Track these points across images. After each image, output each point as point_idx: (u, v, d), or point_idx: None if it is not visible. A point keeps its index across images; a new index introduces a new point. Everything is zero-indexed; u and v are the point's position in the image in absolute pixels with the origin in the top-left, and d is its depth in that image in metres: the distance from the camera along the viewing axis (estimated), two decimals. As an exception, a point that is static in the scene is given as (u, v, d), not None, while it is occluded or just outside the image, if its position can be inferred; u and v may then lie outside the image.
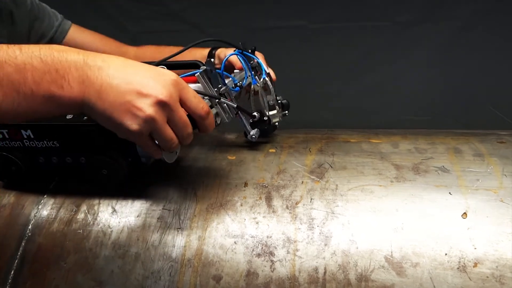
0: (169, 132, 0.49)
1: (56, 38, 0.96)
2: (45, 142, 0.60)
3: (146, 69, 0.48)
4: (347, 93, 1.75)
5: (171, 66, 0.63)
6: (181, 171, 0.65)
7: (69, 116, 0.59)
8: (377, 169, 0.60)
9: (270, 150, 0.67)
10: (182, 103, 0.50)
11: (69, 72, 0.44)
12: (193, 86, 0.68)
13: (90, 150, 0.59)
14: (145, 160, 0.62)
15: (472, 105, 1.65)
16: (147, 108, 0.46)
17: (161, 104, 0.46)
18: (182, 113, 0.49)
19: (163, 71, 0.49)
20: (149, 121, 0.46)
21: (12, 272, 0.58)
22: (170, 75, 0.49)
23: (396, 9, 1.60)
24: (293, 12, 1.66)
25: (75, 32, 0.98)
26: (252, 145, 0.70)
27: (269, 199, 0.58)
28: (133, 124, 0.46)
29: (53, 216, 0.61)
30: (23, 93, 0.42)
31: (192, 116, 0.51)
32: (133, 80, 0.46)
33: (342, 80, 1.74)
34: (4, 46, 0.43)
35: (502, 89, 1.61)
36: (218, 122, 0.61)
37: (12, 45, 0.43)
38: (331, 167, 0.61)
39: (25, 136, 0.59)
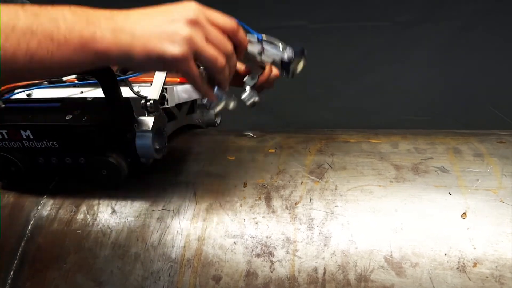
0: (211, 49, 0.50)
1: None
2: (44, 142, 0.60)
3: (165, 5, 0.50)
4: (347, 93, 1.75)
5: None
6: (180, 172, 0.65)
7: (68, 117, 0.59)
8: (376, 169, 0.60)
9: (270, 151, 0.67)
10: (211, 23, 0.51)
11: (99, 22, 0.46)
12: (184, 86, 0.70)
13: (90, 150, 0.59)
14: (144, 160, 0.62)
15: (472, 105, 1.65)
16: (181, 29, 0.47)
17: (193, 22, 0.48)
18: (216, 30, 0.51)
19: (180, 2, 0.51)
20: (188, 39, 0.47)
21: (12, 272, 0.58)
22: (189, 0, 0.51)
23: (396, 9, 1.60)
24: (293, 12, 1.66)
25: None
26: (252, 146, 0.70)
27: (268, 199, 0.58)
28: (175, 48, 0.47)
29: (53, 216, 0.61)
30: (57, 41, 0.44)
31: (225, 32, 0.52)
32: (159, 14, 0.49)
33: (342, 80, 1.74)
34: (35, 5, 0.45)
35: (502, 89, 1.60)
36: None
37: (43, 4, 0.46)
38: (331, 167, 0.61)
39: (25, 137, 0.59)
